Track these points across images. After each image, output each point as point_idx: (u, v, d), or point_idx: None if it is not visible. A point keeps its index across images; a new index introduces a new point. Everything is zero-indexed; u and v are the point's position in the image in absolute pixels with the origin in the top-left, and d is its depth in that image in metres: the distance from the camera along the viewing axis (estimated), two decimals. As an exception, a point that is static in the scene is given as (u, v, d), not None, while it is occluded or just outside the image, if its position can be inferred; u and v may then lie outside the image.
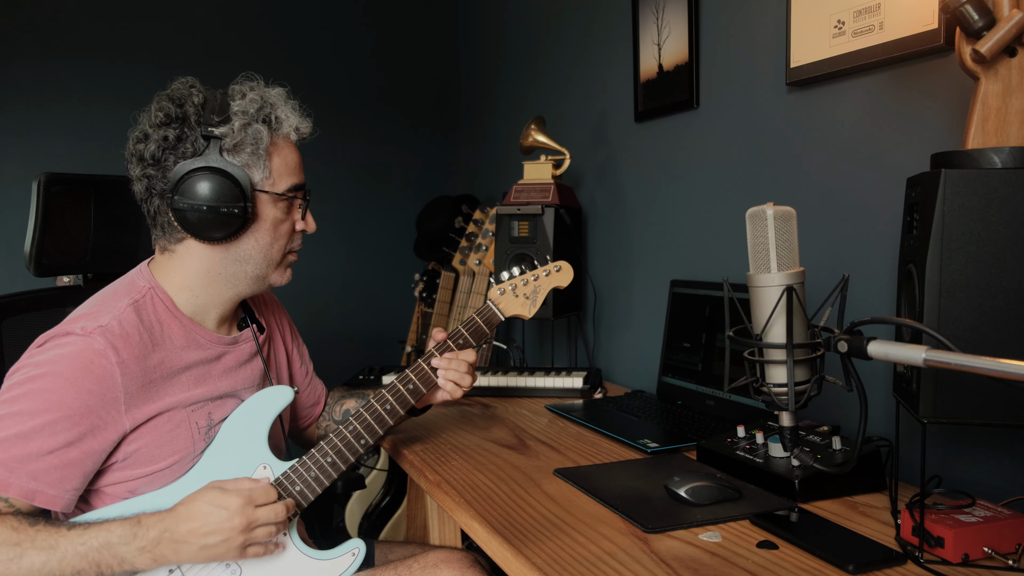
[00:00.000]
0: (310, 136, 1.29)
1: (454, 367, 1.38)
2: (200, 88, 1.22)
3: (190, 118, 1.18)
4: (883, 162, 1.43)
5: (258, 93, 1.22)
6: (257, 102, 1.21)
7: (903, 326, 1.04)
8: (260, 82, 1.25)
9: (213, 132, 1.17)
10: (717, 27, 1.86)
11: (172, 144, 1.17)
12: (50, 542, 1.05)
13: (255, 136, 1.20)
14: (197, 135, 1.18)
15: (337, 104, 3.23)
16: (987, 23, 0.98)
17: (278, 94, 1.25)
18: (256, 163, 1.21)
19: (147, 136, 1.18)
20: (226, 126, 1.18)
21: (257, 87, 1.24)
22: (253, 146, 1.20)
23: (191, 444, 1.21)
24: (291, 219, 1.28)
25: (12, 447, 1.07)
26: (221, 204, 1.17)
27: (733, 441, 1.37)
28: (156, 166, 1.18)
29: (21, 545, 1.04)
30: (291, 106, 1.26)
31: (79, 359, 1.11)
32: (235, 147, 1.19)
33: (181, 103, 1.19)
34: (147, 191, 1.21)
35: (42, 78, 2.81)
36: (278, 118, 1.24)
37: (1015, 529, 0.99)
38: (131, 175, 1.22)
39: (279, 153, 1.24)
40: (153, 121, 1.18)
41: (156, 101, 1.20)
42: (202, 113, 1.18)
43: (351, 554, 1.26)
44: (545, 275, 1.47)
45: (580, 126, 2.49)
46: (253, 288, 1.29)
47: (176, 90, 1.21)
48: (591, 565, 0.99)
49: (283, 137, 1.25)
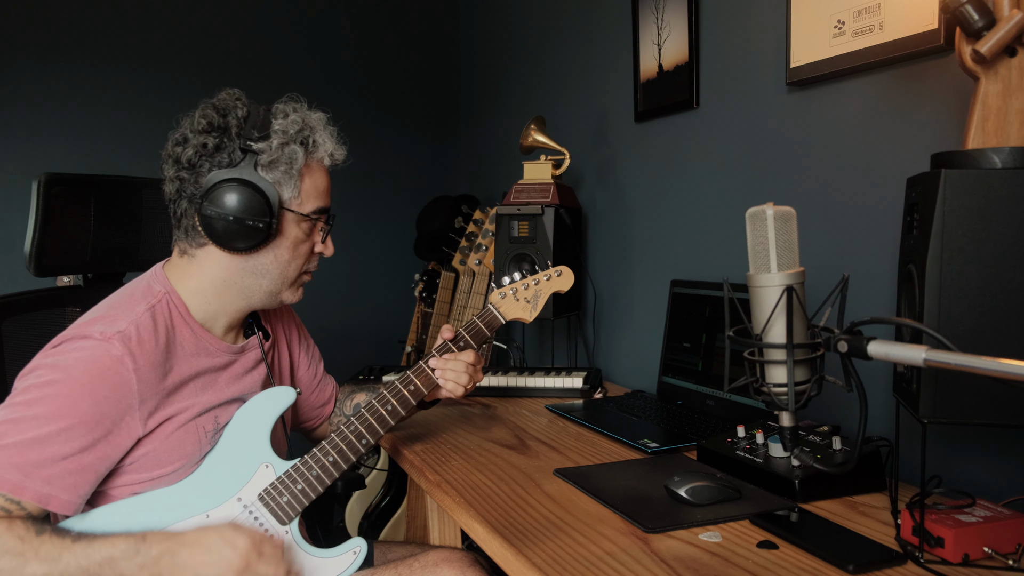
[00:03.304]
0: (343, 164, 1.31)
1: (451, 367, 1.40)
2: (245, 101, 1.23)
3: (231, 129, 1.20)
4: (883, 162, 1.43)
5: (300, 115, 1.25)
6: (298, 124, 1.23)
7: (903, 326, 1.04)
8: (304, 104, 1.28)
9: (252, 146, 1.20)
10: (717, 27, 1.86)
11: (210, 152, 1.19)
12: (53, 554, 1.04)
13: (291, 156, 1.22)
14: (236, 147, 1.20)
15: (337, 104, 3.19)
16: (987, 23, 0.98)
17: (319, 119, 1.28)
18: (288, 182, 1.23)
19: (186, 140, 1.20)
20: (265, 142, 1.20)
21: (300, 109, 1.27)
22: (287, 165, 1.22)
23: (198, 449, 1.22)
24: (312, 240, 1.30)
25: (28, 451, 1.07)
26: (247, 216, 1.19)
27: (733, 441, 1.37)
28: (191, 170, 1.20)
29: (24, 555, 1.03)
30: (329, 132, 1.28)
31: (96, 364, 1.11)
32: (270, 164, 1.21)
33: (225, 113, 1.21)
34: (177, 193, 1.22)
35: (42, 78, 2.81)
36: (315, 142, 1.26)
37: (1015, 529, 0.99)
38: (164, 175, 1.24)
39: (311, 175, 1.26)
40: (195, 127, 1.20)
41: (201, 108, 1.22)
42: (243, 127, 1.20)
43: (352, 552, 1.27)
44: (546, 279, 1.48)
45: (580, 126, 2.49)
46: (265, 302, 1.30)
47: (222, 100, 1.23)
48: (591, 565, 1.00)
49: (317, 161, 1.28)
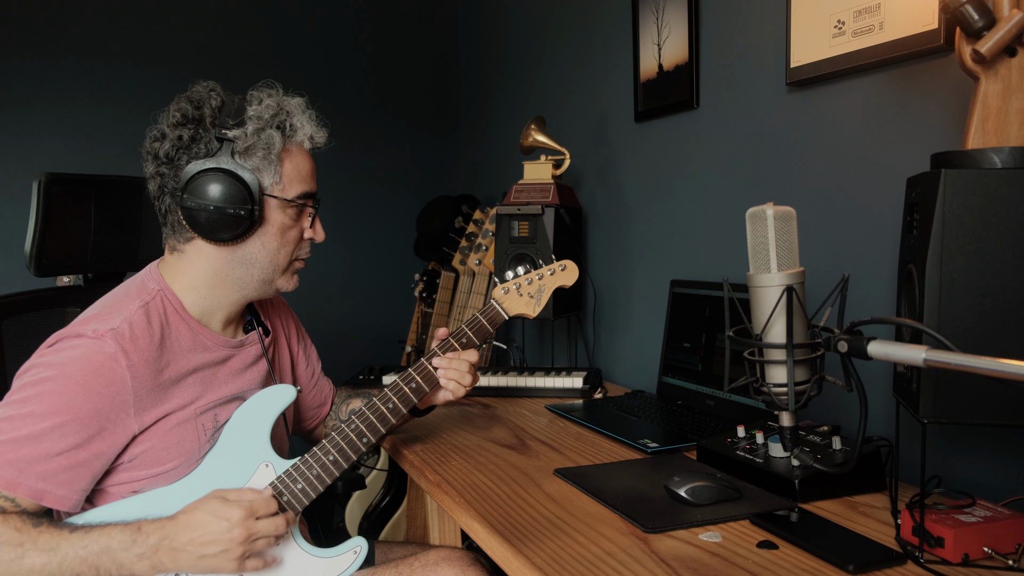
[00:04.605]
0: (325, 146, 1.29)
1: (455, 366, 1.39)
2: (220, 92, 1.23)
3: (205, 120, 1.20)
4: (883, 162, 1.43)
5: (275, 100, 1.24)
6: (273, 108, 1.22)
7: (903, 326, 1.04)
8: (279, 90, 1.27)
9: (226, 135, 1.19)
10: (717, 27, 1.86)
11: (186, 144, 1.19)
12: (51, 544, 1.06)
13: (267, 141, 1.21)
14: (211, 137, 1.19)
15: (337, 104, 3.23)
16: (987, 23, 0.98)
17: (296, 103, 1.26)
18: (267, 168, 1.22)
19: (164, 135, 1.20)
20: (239, 129, 1.19)
21: (275, 94, 1.25)
22: (265, 151, 1.21)
23: (197, 447, 1.22)
24: (299, 226, 1.29)
25: (22, 448, 1.08)
26: (228, 205, 1.18)
27: (733, 441, 1.37)
28: (169, 165, 1.20)
29: (23, 546, 1.05)
30: (308, 116, 1.27)
31: (90, 362, 1.11)
32: (246, 150, 1.20)
33: (199, 105, 1.20)
34: (159, 189, 1.22)
35: (42, 78, 2.81)
36: (292, 126, 1.25)
37: (1015, 529, 0.99)
38: (146, 173, 1.24)
39: (291, 160, 1.25)
40: (170, 121, 1.20)
41: (175, 102, 1.22)
42: (218, 116, 1.20)
43: (353, 552, 1.27)
44: (550, 274, 1.47)
45: (580, 126, 2.49)
46: (260, 292, 1.29)
47: (196, 92, 1.22)
48: (591, 565, 1.00)
49: (297, 145, 1.26)
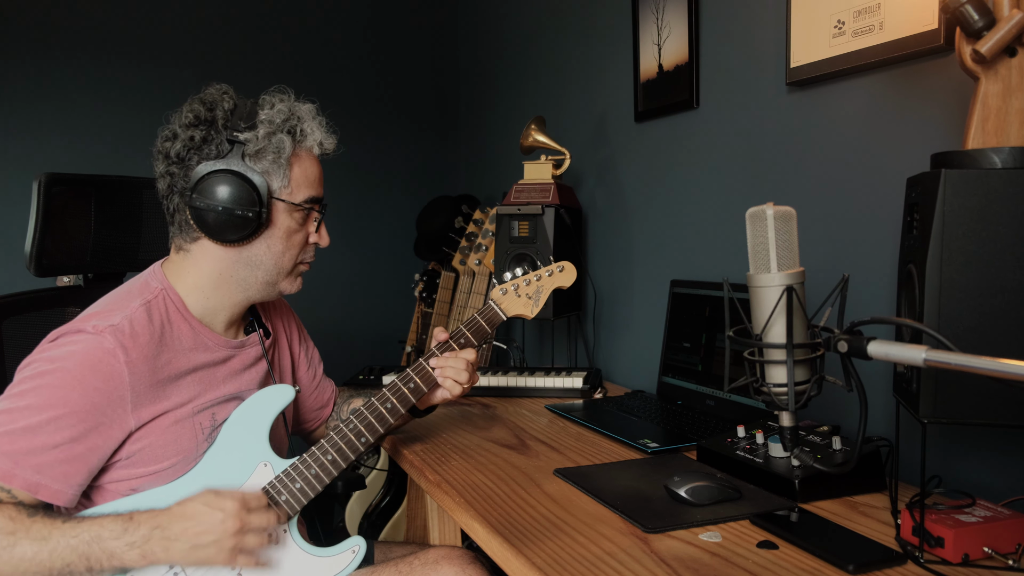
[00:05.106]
0: (334, 153, 1.31)
1: (452, 364, 1.39)
2: (232, 95, 1.24)
3: (217, 122, 1.21)
4: (883, 162, 1.43)
5: (287, 105, 1.25)
6: (284, 113, 1.24)
7: (903, 326, 1.04)
8: (291, 95, 1.28)
9: (238, 137, 1.20)
10: (717, 27, 1.86)
11: (197, 145, 1.20)
12: (43, 533, 1.06)
13: (278, 145, 1.22)
14: (222, 139, 1.21)
15: (337, 104, 3.18)
16: (987, 23, 0.98)
17: (307, 109, 1.28)
18: (276, 171, 1.23)
19: (175, 135, 1.21)
20: (251, 132, 1.21)
21: (287, 99, 1.27)
22: (275, 154, 1.22)
23: (194, 446, 1.22)
24: (305, 230, 1.30)
25: (19, 440, 1.09)
26: (236, 207, 1.20)
27: (733, 441, 1.37)
28: (179, 164, 1.21)
29: (15, 534, 1.05)
30: (318, 122, 1.28)
31: (88, 357, 1.13)
32: (257, 153, 1.21)
33: (212, 107, 1.22)
34: (168, 188, 1.24)
35: (42, 78, 2.81)
36: (303, 131, 1.26)
37: (1015, 529, 0.99)
38: (155, 171, 1.25)
39: (300, 164, 1.26)
40: (183, 121, 1.21)
41: (188, 103, 1.23)
42: (230, 118, 1.21)
43: (351, 551, 1.27)
44: (548, 275, 1.47)
45: (580, 126, 2.49)
46: (263, 294, 1.30)
47: (209, 94, 1.24)
48: (591, 565, 0.99)
49: (306, 150, 1.28)
